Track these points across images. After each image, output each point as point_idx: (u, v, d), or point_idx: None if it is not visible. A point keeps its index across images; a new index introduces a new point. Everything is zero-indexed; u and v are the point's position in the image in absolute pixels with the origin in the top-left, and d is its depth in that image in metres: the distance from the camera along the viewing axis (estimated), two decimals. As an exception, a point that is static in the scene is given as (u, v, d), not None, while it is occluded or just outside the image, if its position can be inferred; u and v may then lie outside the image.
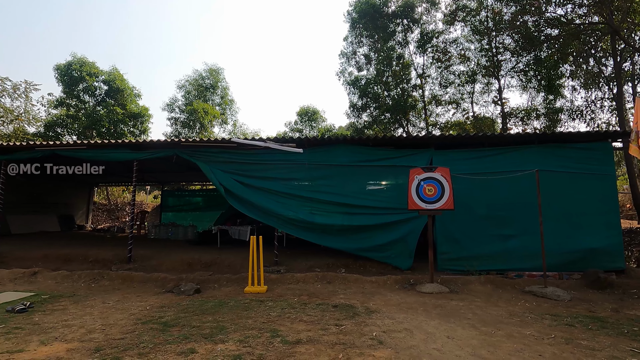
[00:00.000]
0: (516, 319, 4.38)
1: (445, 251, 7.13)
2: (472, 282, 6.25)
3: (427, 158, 7.49)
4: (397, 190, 7.44)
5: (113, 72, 21.85)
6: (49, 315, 4.43)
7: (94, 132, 20.72)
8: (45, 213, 14.15)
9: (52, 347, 3.39)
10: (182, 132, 24.35)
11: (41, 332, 3.81)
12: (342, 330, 3.82)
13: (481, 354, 3.26)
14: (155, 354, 3.18)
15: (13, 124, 19.49)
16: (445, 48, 17.36)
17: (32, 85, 19.29)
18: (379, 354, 3.20)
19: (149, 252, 8.61)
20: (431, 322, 4.20)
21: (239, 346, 3.37)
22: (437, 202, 6.13)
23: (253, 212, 7.80)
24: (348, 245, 7.61)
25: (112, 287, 6.20)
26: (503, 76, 16.51)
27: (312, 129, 28.79)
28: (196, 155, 7.99)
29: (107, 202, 22.38)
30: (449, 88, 17.88)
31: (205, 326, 3.97)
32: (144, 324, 4.06)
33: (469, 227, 7.11)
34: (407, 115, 17.82)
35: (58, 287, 6.22)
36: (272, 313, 4.49)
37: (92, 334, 3.74)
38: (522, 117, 16.30)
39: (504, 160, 7.30)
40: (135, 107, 22.25)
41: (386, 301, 5.18)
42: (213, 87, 25.78)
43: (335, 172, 7.78)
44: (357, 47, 18.71)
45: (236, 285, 6.24)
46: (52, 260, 8.08)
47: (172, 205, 16.33)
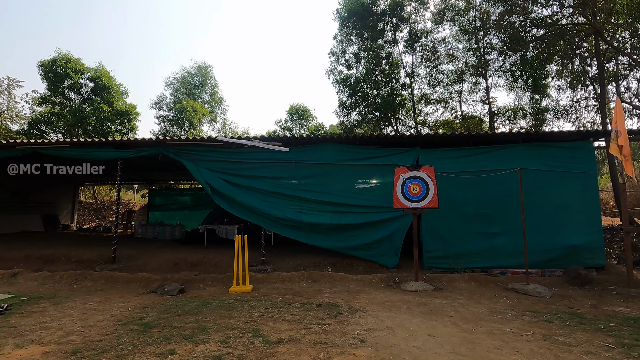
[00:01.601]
0: (497, 316, 4.44)
1: (431, 249, 7.20)
2: (457, 279, 6.32)
3: (413, 157, 7.54)
4: (385, 189, 7.47)
5: (99, 69, 21.45)
6: (27, 318, 4.34)
7: (80, 130, 20.33)
8: (28, 212, 13.85)
9: (28, 350, 3.32)
10: (170, 130, 24.09)
11: (17, 335, 3.73)
12: (325, 330, 3.82)
13: (460, 351, 3.30)
14: (134, 356, 3.14)
15: (-5, 121, 19.04)
16: (434, 47, 17.50)
17: (15, 82, 18.90)
18: (360, 352, 3.21)
19: (134, 251, 8.50)
20: (413, 320, 4.23)
21: (219, 347, 3.35)
22: (421, 201, 6.17)
23: (240, 211, 7.75)
24: (336, 244, 7.63)
25: (94, 288, 6.11)
26: (491, 75, 16.73)
27: (302, 127, 28.75)
28: (182, 154, 7.91)
29: (94, 201, 22.03)
30: (438, 87, 18.05)
31: (186, 327, 3.93)
32: (124, 325, 4.00)
33: (455, 225, 7.18)
34: (397, 114, 17.90)
35: (39, 288, 6.10)
36: (255, 313, 4.47)
37: (70, 336, 3.67)
38: (509, 116, 16.56)
39: (489, 159, 7.39)
40: (122, 105, 21.88)
41: (370, 300, 5.20)
42: (202, 85, 25.57)
43: (323, 171, 7.78)
44: (346, 45, 18.71)
45: (221, 285, 6.20)
46: (34, 260, 7.93)
47: (159, 204, 16.15)
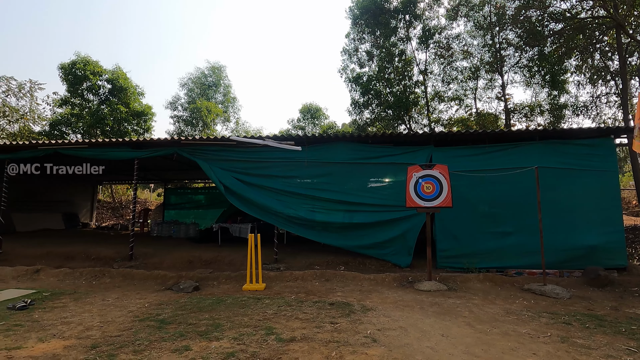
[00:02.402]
0: (513, 317, 4.36)
1: (444, 248, 7.11)
2: (471, 279, 6.23)
3: (426, 155, 7.46)
4: (397, 188, 7.42)
5: (116, 70, 21.94)
6: (49, 313, 4.49)
7: (98, 130, 20.86)
8: (50, 211, 14.30)
9: (50, 344, 3.44)
10: (185, 130, 24.46)
11: (40, 329, 3.87)
12: (337, 328, 3.83)
13: (474, 352, 3.26)
14: (150, 351, 3.22)
15: (18, 123, 19.71)
16: (448, 44, 17.23)
17: (36, 85, 19.51)
18: (372, 352, 3.21)
19: (150, 249, 8.68)
20: (427, 320, 4.19)
21: (233, 344, 3.39)
22: (435, 200, 6.10)
23: (253, 210, 7.82)
24: (348, 243, 7.62)
25: (112, 285, 6.27)
26: (506, 72, 16.37)
27: (315, 126, 28.79)
28: (196, 153, 8.02)
29: (112, 200, 22.57)
30: (452, 84, 17.77)
31: (201, 323, 4.00)
32: (141, 321, 4.10)
33: (469, 224, 7.08)
34: (410, 112, 17.72)
35: (60, 284, 6.30)
36: (268, 311, 4.51)
37: (89, 331, 3.79)
38: (526, 113, 16.17)
39: (504, 157, 7.26)
40: (138, 106, 22.34)
41: (383, 299, 5.18)
42: (215, 85, 25.86)
43: (335, 170, 7.77)
44: (359, 43, 18.62)
45: (235, 282, 6.28)
46: (55, 257, 8.19)
47: (174, 203, 16.44)
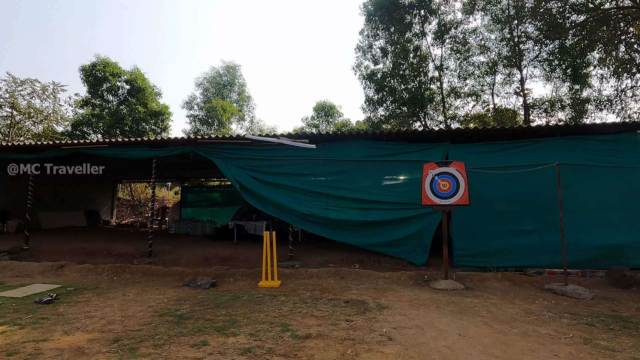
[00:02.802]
0: (533, 317, 4.27)
1: (461, 247, 7.00)
2: (489, 278, 6.12)
3: (442, 152, 7.35)
4: (412, 185, 7.34)
5: (134, 71, 22.44)
6: (73, 307, 4.65)
7: (118, 130, 21.41)
8: (73, 209, 14.78)
9: (74, 337, 3.56)
10: (200, 129, 24.84)
11: (65, 322, 4.01)
12: (352, 326, 3.83)
13: (493, 352, 3.20)
14: (170, 346, 3.29)
15: (43, 123, 20.43)
16: (465, 38, 16.92)
17: (59, 86, 20.15)
18: (388, 350, 3.20)
19: (168, 246, 8.87)
20: (443, 319, 4.15)
21: (249, 339, 3.44)
22: (451, 198, 6.01)
23: (268, 207, 7.89)
24: (362, 241, 7.60)
25: (132, 280, 6.44)
26: (525, 66, 15.97)
27: (329, 124, 28.76)
28: (212, 152, 8.14)
29: (131, 198, 23.14)
30: (469, 80, 17.47)
31: (218, 319, 4.07)
32: (160, 316, 4.20)
33: (486, 222, 6.95)
34: (425, 109, 17.50)
35: (83, 279, 6.51)
36: (284, 308, 4.55)
37: (111, 325, 3.91)
38: (546, 108, 15.74)
39: (523, 153, 7.07)
40: (156, 106, 22.81)
41: (399, 297, 5.14)
42: (230, 84, 26.14)
43: (349, 168, 7.75)
44: (373, 40, 18.47)
45: (251, 279, 6.36)
46: (78, 254, 8.46)
47: (191, 201, 16.74)
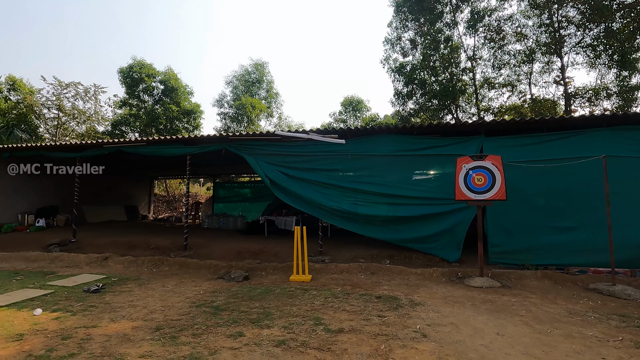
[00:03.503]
0: (577, 318, 4.05)
1: (496, 244, 6.75)
2: (527, 277, 5.87)
3: (476, 145, 7.09)
4: (444, 180, 7.16)
5: (168, 72, 23.32)
6: (118, 296, 4.93)
7: (153, 129, 22.38)
8: (114, 204, 15.63)
9: (120, 324, 3.78)
10: (231, 127, 25.42)
11: (111, 310, 4.27)
12: (385, 322, 3.80)
13: (534, 353, 3.08)
14: (207, 335, 3.42)
15: (85, 124, 21.69)
16: (499, 26, 16.14)
17: (100, 88, 21.26)
18: (423, 347, 3.15)
19: (202, 240, 9.19)
20: (479, 317, 4.03)
21: (283, 332, 3.51)
22: (487, 192, 5.80)
23: (297, 202, 7.97)
24: (392, 236, 7.51)
25: (170, 272, 6.73)
26: (567, 53, 15.02)
27: (357, 118, 28.53)
28: (243, 148, 8.31)
29: (166, 194, 24.14)
30: (503, 69, 16.68)
31: (252, 311, 4.18)
32: (198, 307, 4.37)
33: (524, 218, 6.65)
34: (457, 101, 16.93)
35: (125, 270, 6.88)
36: (315, 302, 4.59)
37: (153, 314, 4.11)
38: (590, 97, 14.76)
39: (565, 145, 6.68)
40: (188, 104, 23.61)
41: (431, 294, 5.05)
42: (259, 81, 26.51)
43: (379, 162, 7.66)
44: (402, 32, 18.06)
45: (282, 273, 6.46)
46: (120, 246, 8.95)
47: (222, 196, 17.21)
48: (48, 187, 12.31)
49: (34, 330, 3.58)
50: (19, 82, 21.01)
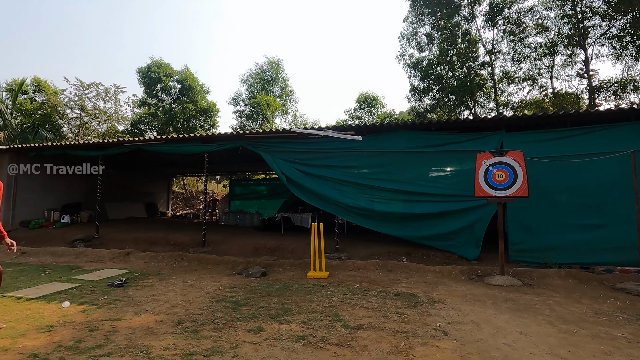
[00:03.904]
0: (604, 318, 3.92)
1: (517, 241, 6.60)
2: (550, 275, 5.71)
3: (496, 141, 6.93)
4: (462, 177, 7.04)
5: (185, 71, 23.68)
6: (140, 290, 5.06)
7: (171, 127, 22.80)
8: (134, 201, 16.04)
9: (144, 317, 3.88)
10: (246, 124, 25.65)
11: (134, 304, 4.39)
12: (404, 319, 3.78)
13: (560, 353, 3.00)
14: (228, 330, 3.48)
15: (106, 123, 22.28)
16: (519, 19, 15.70)
17: (119, 88, 21.78)
18: (444, 345, 3.12)
19: (220, 237, 9.32)
20: (501, 316, 3.95)
21: (302, 327, 3.53)
22: (508, 189, 5.66)
23: (313, 199, 7.98)
24: (409, 233, 7.44)
25: (190, 268, 6.86)
26: (591, 45, 14.48)
27: (372, 115, 28.31)
28: (259, 145, 8.37)
29: (184, 191, 24.59)
30: (524, 63, 16.22)
31: (271, 307, 4.22)
32: (218, 302, 4.44)
33: (546, 215, 6.47)
34: (474, 96, 16.59)
35: (146, 266, 7.06)
36: (333, 298, 4.60)
37: (175, 309, 4.20)
38: (615, 90, 14.19)
39: (590, 140, 6.45)
40: (204, 103, 23.94)
41: (451, 292, 4.98)
42: (273, 79, 26.63)
43: (395, 159, 7.59)
44: (418, 26, 17.80)
45: (299, 270, 6.49)
46: (141, 242, 9.18)
47: (239, 193, 17.42)
48: (72, 184, 12.74)
49: (63, 322, 3.72)
50: (43, 84, 21.75)
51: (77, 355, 2.90)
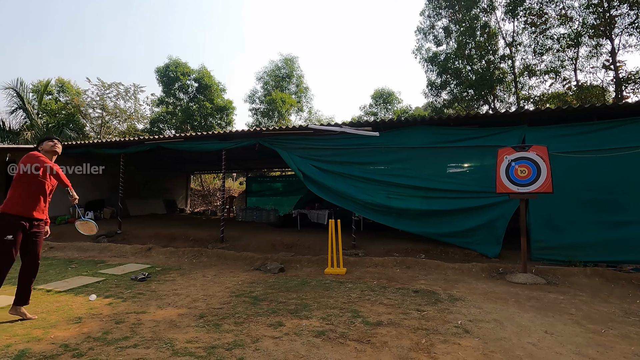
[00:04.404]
0: (634, 318, 3.78)
1: (540, 239, 6.43)
2: (575, 274, 5.55)
3: (518, 136, 6.75)
4: (483, 172, 6.90)
5: (202, 70, 24.01)
6: (162, 285, 5.18)
7: (188, 125, 23.19)
8: (154, 197, 16.42)
9: (167, 311, 3.98)
10: (262, 122, 25.82)
11: (157, 298, 4.50)
12: (424, 316, 3.74)
13: (588, 353, 2.91)
14: (249, 324, 3.52)
15: (127, 122, 22.85)
16: (541, 9, 15.19)
17: (139, 88, 22.29)
18: (466, 342, 3.07)
19: (237, 233, 9.45)
20: (525, 314, 3.86)
21: (322, 323, 3.54)
22: (531, 185, 5.51)
23: (330, 196, 7.98)
24: (427, 230, 7.35)
25: (209, 263, 6.99)
26: (617, 35, 13.90)
27: (388, 111, 28.06)
28: (276, 142, 8.42)
29: (202, 188, 25.02)
30: (546, 55, 15.72)
31: (290, 302, 4.25)
32: (237, 297, 4.50)
33: (571, 212, 6.27)
34: (494, 90, 16.19)
35: (167, 261, 7.22)
36: (352, 294, 4.60)
37: (196, 303, 4.29)
38: (644, 82, 13.59)
39: (618, 134, 6.20)
40: (221, 101, 24.23)
41: (471, 289, 4.90)
42: (289, 76, 26.67)
43: (413, 155, 7.50)
44: (435, 20, 17.49)
45: (316, 266, 6.52)
46: (161, 238, 9.39)
47: (255, 190, 17.58)
48: (96, 181, 13.12)
49: (91, 314, 3.85)
50: (67, 84, 22.47)
51: (105, 346, 3.00)
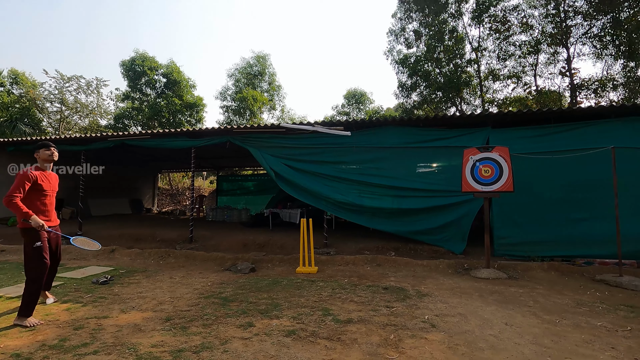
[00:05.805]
0: (585, 309, 4.06)
1: (503, 235, 6.75)
2: (534, 268, 5.87)
3: (483, 137, 7.05)
4: (450, 172, 7.14)
5: (170, 65, 23.20)
6: (126, 288, 4.97)
7: (156, 122, 22.36)
8: (119, 197, 15.71)
9: (131, 315, 3.82)
10: (233, 120, 25.35)
11: (121, 301, 4.30)
12: (393, 312, 3.82)
13: (543, 342, 3.09)
14: (218, 326, 3.45)
15: (88, 117, 21.70)
16: (505, 17, 15.94)
17: (102, 82, 21.21)
18: (432, 337, 3.17)
19: (208, 233, 9.22)
20: (487, 308, 4.04)
21: (292, 322, 3.53)
22: (494, 184, 5.77)
23: (303, 195, 7.97)
24: (398, 228, 7.51)
25: (177, 264, 6.77)
26: (573, 44, 14.86)
27: (360, 111, 28.40)
28: (247, 141, 8.29)
29: (170, 187, 24.21)
30: (509, 61, 16.52)
31: (261, 302, 4.20)
32: (206, 298, 4.40)
33: (531, 210, 6.63)
34: (461, 93, 16.81)
35: (132, 263, 6.93)
36: (323, 293, 4.61)
37: (162, 305, 4.14)
38: (596, 88, 14.60)
39: (573, 137, 6.63)
40: (190, 98, 23.53)
41: (438, 285, 5.06)
42: (261, 74, 26.35)
43: (384, 155, 7.63)
44: (406, 23, 17.88)
45: (288, 265, 6.49)
46: (126, 239, 9.00)
47: (226, 189, 17.25)
48: (53, 180, 12.36)
49: (46, 320, 3.62)
50: (21, 76, 21.00)
51: (62, 354, 2.83)
